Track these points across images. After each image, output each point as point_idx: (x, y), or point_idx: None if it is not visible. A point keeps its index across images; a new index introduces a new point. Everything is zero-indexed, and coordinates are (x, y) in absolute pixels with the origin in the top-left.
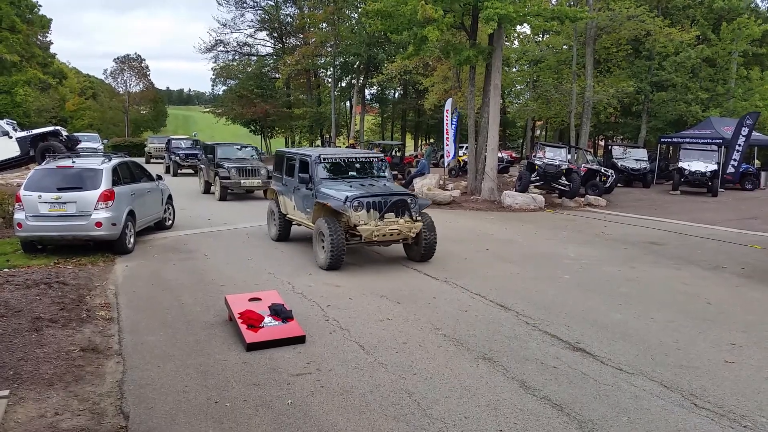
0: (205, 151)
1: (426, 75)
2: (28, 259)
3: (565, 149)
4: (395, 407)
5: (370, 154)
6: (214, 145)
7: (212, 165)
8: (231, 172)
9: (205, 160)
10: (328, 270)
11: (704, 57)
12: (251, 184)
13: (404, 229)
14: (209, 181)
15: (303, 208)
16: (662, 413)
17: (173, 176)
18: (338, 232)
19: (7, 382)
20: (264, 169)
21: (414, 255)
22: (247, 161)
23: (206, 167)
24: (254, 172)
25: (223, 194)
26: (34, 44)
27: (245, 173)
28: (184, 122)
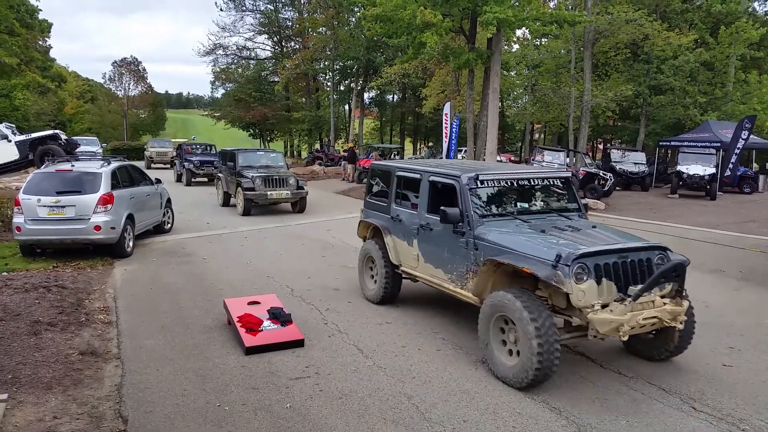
0: (223, 158)
1: (424, 80)
2: (26, 263)
3: (564, 153)
4: (394, 411)
5: (552, 171)
6: (235, 152)
7: (233, 174)
8: (256, 182)
9: (224, 169)
10: None
11: (702, 61)
12: (279, 196)
13: (667, 315)
14: (229, 193)
15: (443, 262)
16: (661, 416)
17: (186, 185)
18: (548, 325)
19: (5, 386)
20: (293, 178)
21: (655, 350)
22: (273, 169)
23: (225, 176)
24: (282, 182)
25: (247, 208)
26: (33, 48)
27: (272, 183)
28: (183, 126)
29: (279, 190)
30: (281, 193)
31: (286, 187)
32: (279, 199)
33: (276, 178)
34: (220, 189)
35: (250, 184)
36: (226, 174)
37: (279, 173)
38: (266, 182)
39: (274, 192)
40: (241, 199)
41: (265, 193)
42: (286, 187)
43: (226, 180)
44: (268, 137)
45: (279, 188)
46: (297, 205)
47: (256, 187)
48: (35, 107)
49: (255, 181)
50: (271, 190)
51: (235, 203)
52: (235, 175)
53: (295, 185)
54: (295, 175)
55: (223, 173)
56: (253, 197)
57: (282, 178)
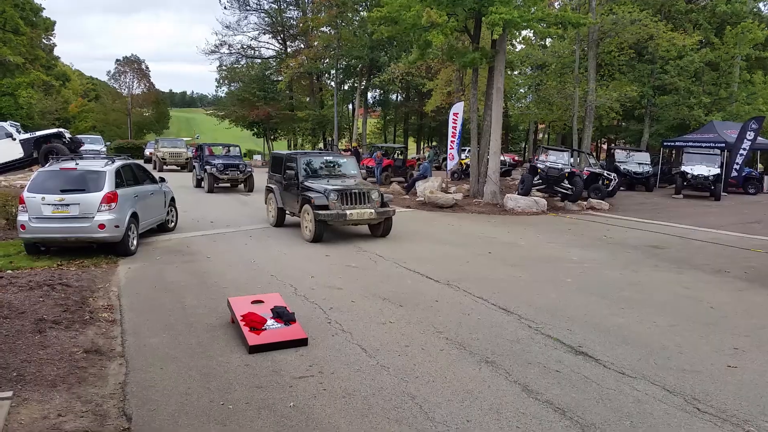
0: (273, 164)
1: (429, 78)
2: (31, 261)
3: (568, 153)
4: (397, 410)
5: None
6: (295, 156)
7: (293, 186)
8: (330, 197)
9: (276, 178)
10: None
11: (707, 61)
12: (361, 216)
13: None
14: (283, 209)
15: None
16: (665, 417)
17: (208, 192)
18: None
19: (10, 384)
20: (376, 191)
21: None
22: (347, 179)
23: (280, 189)
24: (363, 198)
25: (319, 232)
26: (37, 47)
27: (351, 199)
28: (187, 124)
29: (361, 207)
30: (363, 211)
31: (368, 204)
32: (361, 220)
33: (356, 193)
34: (271, 204)
35: (323, 200)
36: (280, 185)
37: (357, 185)
38: (344, 197)
39: (354, 210)
40: (311, 221)
41: (344, 212)
42: (368, 203)
43: (282, 193)
44: (272, 136)
45: (360, 205)
46: (381, 227)
47: (330, 204)
48: (39, 105)
49: (329, 196)
50: (350, 208)
51: (301, 225)
52: (298, 188)
53: (379, 200)
54: (377, 188)
55: (276, 185)
56: (328, 218)
57: (363, 192)
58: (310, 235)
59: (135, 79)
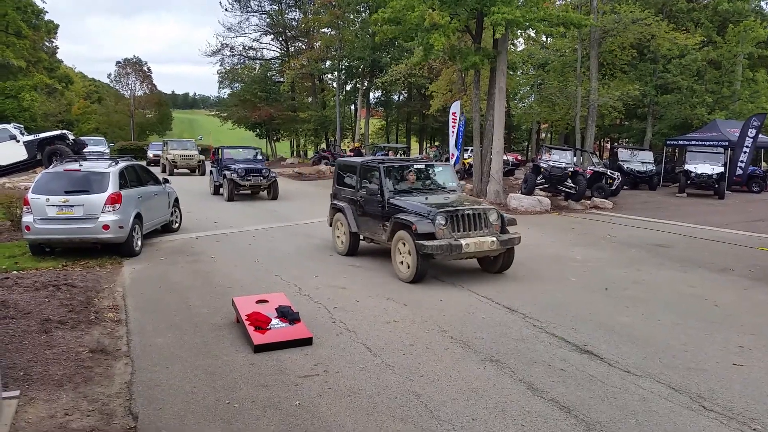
0: (341, 175)
1: (431, 79)
2: (36, 262)
3: (571, 152)
4: (402, 409)
5: None
6: (376, 164)
7: (376, 205)
8: (437, 222)
9: (348, 196)
10: None
11: (709, 59)
12: (479, 246)
13: None
14: (358, 234)
15: None
16: (670, 415)
17: (228, 200)
18: None
19: (17, 383)
20: (494, 211)
21: None
22: (446, 193)
23: (351, 209)
24: (480, 220)
25: (422, 270)
26: (40, 49)
27: (464, 223)
28: (190, 126)
29: (478, 235)
30: (482, 241)
31: (486, 229)
32: (479, 252)
33: (469, 214)
34: (340, 228)
35: (428, 226)
36: (353, 204)
37: (466, 202)
38: (455, 222)
39: (470, 240)
40: (410, 255)
41: (458, 243)
42: (486, 228)
43: (355, 214)
44: (274, 137)
45: (476, 231)
46: (499, 260)
47: (438, 231)
48: (43, 108)
49: (436, 220)
50: (465, 236)
51: (393, 260)
52: (383, 208)
53: (498, 223)
54: (494, 207)
55: (346, 202)
56: (436, 252)
57: (478, 213)
58: (410, 274)
59: (137, 81)
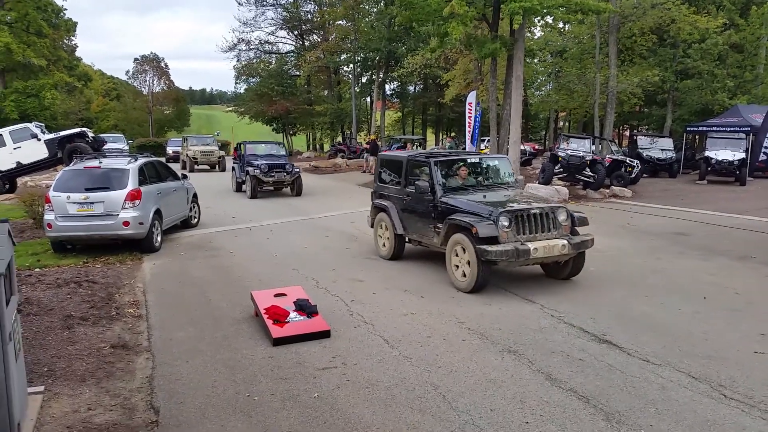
0: (383, 170)
1: (447, 69)
2: (58, 259)
3: (589, 140)
4: (421, 400)
5: None
6: (426, 159)
7: (426, 204)
8: (501, 223)
9: (393, 194)
10: None
11: (732, 43)
12: (549, 251)
13: None
14: (404, 236)
15: None
16: (690, 404)
17: (252, 198)
18: None
19: (42, 378)
20: (563, 209)
21: None
22: (504, 189)
23: (396, 208)
24: (548, 221)
25: (484, 279)
26: (60, 48)
27: (530, 224)
28: (207, 122)
29: (546, 237)
30: (553, 244)
31: (555, 231)
32: (549, 257)
33: (536, 214)
34: (384, 229)
35: (490, 228)
36: (398, 202)
37: (531, 199)
38: (520, 223)
39: (539, 243)
40: (470, 261)
41: (525, 247)
42: (555, 229)
43: (401, 214)
44: (290, 131)
45: (545, 233)
46: (568, 266)
47: (501, 234)
48: (63, 106)
49: (499, 221)
50: (532, 239)
51: (448, 265)
52: (436, 208)
53: (568, 223)
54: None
55: (389, 201)
56: (501, 257)
57: (545, 212)
58: (468, 283)
59: (155, 78)
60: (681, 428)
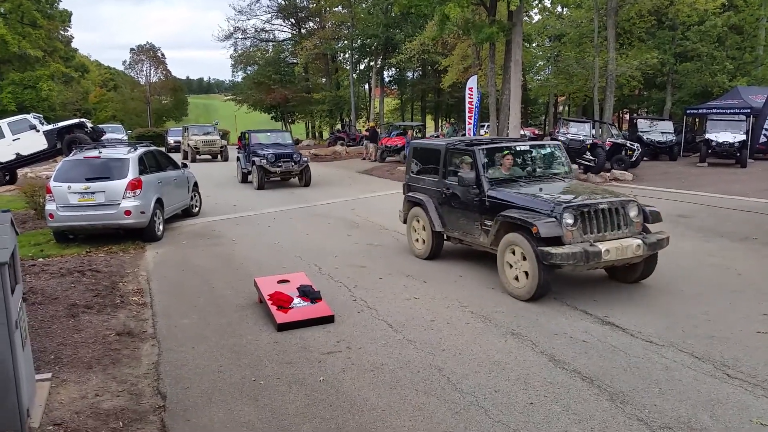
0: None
1: (445, 54)
2: (61, 249)
3: (589, 124)
4: (425, 382)
5: None
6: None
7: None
8: (565, 220)
9: (429, 186)
10: None
11: (731, 24)
12: (622, 253)
13: None
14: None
15: None
16: (694, 384)
17: (258, 189)
18: None
19: (49, 366)
20: (634, 203)
21: None
22: (559, 181)
23: (433, 203)
24: (618, 216)
25: (545, 285)
26: (56, 39)
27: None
28: (205, 111)
29: (617, 236)
30: (626, 245)
31: (627, 228)
32: (622, 260)
33: (604, 209)
34: (420, 227)
35: (552, 227)
36: (436, 195)
37: (594, 193)
38: (588, 221)
39: (610, 244)
40: (531, 266)
41: (595, 249)
42: (627, 227)
43: (439, 209)
44: (289, 119)
45: (615, 231)
46: (638, 268)
47: (566, 233)
48: (60, 97)
49: (563, 217)
50: (601, 239)
51: (500, 268)
52: (482, 203)
53: (640, 219)
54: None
55: (426, 195)
56: (567, 261)
57: (615, 207)
58: (527, 289)
59: (152, 67)
60: (685, 407)
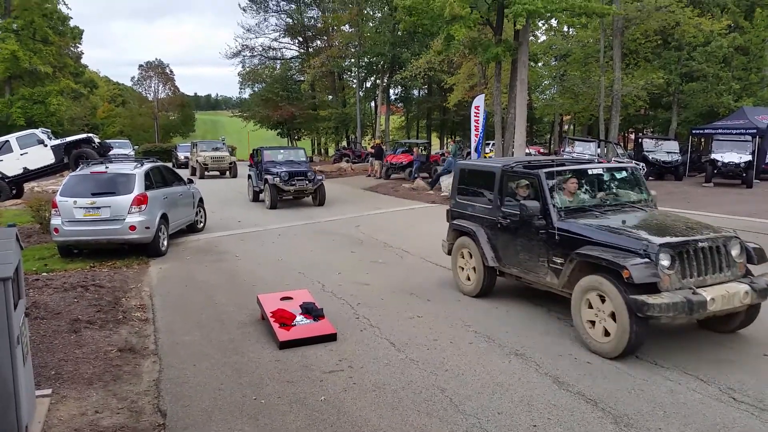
0: (465, 183)
1: (451, 73)
2: (65, 263)
3: (595, 143)
4: (428, 403)
5: None
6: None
7: (534, 231)
8: (661, 261)
9: (480, 213)
10: None
11: (737, 45)
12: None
13: None
14: (495, 269)
15: None
16: (699, 407)
17: (270, 208)
18: None
19: (49, 382)
20: (735, 240)
21: None
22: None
23: (485, 233)
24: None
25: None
26: (66, 55)
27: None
28: (212, 127)
29: (718, 280)
30: (732, 292)
31: (729, 270)
32: (728, 310)
33: (704, 249)
34: (469, 260)
35: (647, 269)
36: (489, 225)
37: (691, 230)
38: (686, 262)
39: (714, 290)
40: (619, 317)
41: (699, 297)
42: (729, 268)
43: (492, 240)
44: (295, 136)
45: (717, 273)
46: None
47: (663, 278)
48: (69, 112)
49: (658, 259)
50: (702, 283)
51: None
52: (550, 236)
53: (743, 257)
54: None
55: (476, 224)
56: (667, 312)
57: (715, 247)
58: (615, 345)
59: (160, 84)
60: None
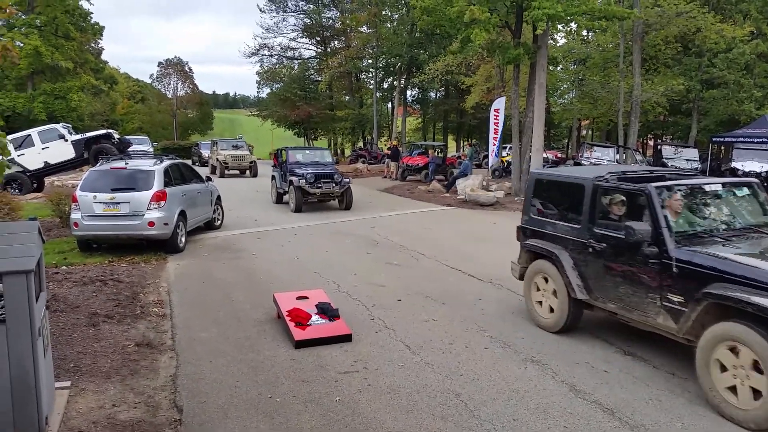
0: (543, 197)
1: (468, 75)
2: (84, 258)
3: (613, 149)
4: (442, 407)
5: None
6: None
7: (645, 256)
8: None
9: (562, 234)
10: None
11: (759, 52)
12: None
13: None
14: (582, 302)
15: None
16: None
17: (295, 211)
18: None
19: (68, 374)
20: None
21: None
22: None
23: (570, 256)
24: None
25: None
26: (87, 51)
27: None
28: (230, 125)
29: None
30: None
31: None
32: None
33: None
34: (548, 288)
35: None
36: (575, 247)
37: None
38: None
39: None
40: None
41: None
42: None
43: (580, 266)
44: (312, 136)
45: None
46: None
47: None
48: (89, 108)
49: None
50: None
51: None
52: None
53: None
54: None
55: (557, 245)
56: None
57: None
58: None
59: (179, 81)
60: None
